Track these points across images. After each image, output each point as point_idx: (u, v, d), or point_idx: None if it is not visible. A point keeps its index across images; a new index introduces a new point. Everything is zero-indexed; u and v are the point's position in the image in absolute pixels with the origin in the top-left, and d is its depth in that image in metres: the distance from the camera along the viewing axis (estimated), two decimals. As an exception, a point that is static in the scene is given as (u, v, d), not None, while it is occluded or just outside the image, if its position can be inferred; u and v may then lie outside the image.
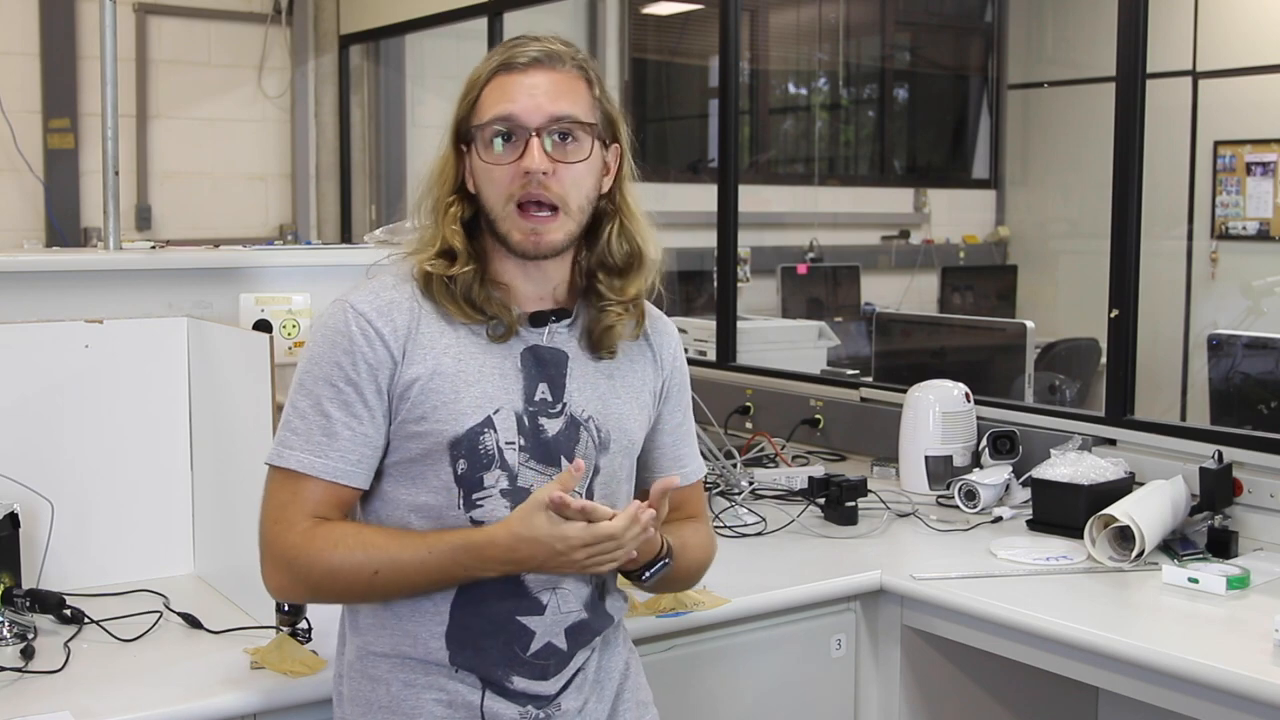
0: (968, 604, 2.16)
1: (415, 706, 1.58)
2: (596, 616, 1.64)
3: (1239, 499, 2.49)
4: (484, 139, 1.58)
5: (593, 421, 1.63)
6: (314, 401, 1.56)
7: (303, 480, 1.55)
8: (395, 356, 1.56)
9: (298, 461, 1.55)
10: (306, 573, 1.54)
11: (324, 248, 3.19)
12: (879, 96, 6.97)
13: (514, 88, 1.57)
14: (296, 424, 1.56)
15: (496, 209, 1.58)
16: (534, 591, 1.58)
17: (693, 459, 1.80)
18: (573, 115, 1.58)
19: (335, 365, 1.56)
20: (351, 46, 5.79)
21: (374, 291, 1.60)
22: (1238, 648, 1.92)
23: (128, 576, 2.23)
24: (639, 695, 1.75)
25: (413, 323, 1.58)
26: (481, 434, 1.56)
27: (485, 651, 1.57)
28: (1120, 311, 2.78)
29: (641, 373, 1.71)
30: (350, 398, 1.55)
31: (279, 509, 1.56)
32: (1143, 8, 2.73)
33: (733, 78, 3.80)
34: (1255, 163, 5.84)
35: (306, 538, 1.53)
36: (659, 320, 1.76)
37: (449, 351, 1.58)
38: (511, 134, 1.57)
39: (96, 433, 2.22)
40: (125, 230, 3.08)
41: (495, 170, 1.57)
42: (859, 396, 3.39)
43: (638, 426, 1.69)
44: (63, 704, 1.69)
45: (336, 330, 1.57)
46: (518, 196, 1.56)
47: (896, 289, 6.45)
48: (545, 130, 1.56)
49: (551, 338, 1.63)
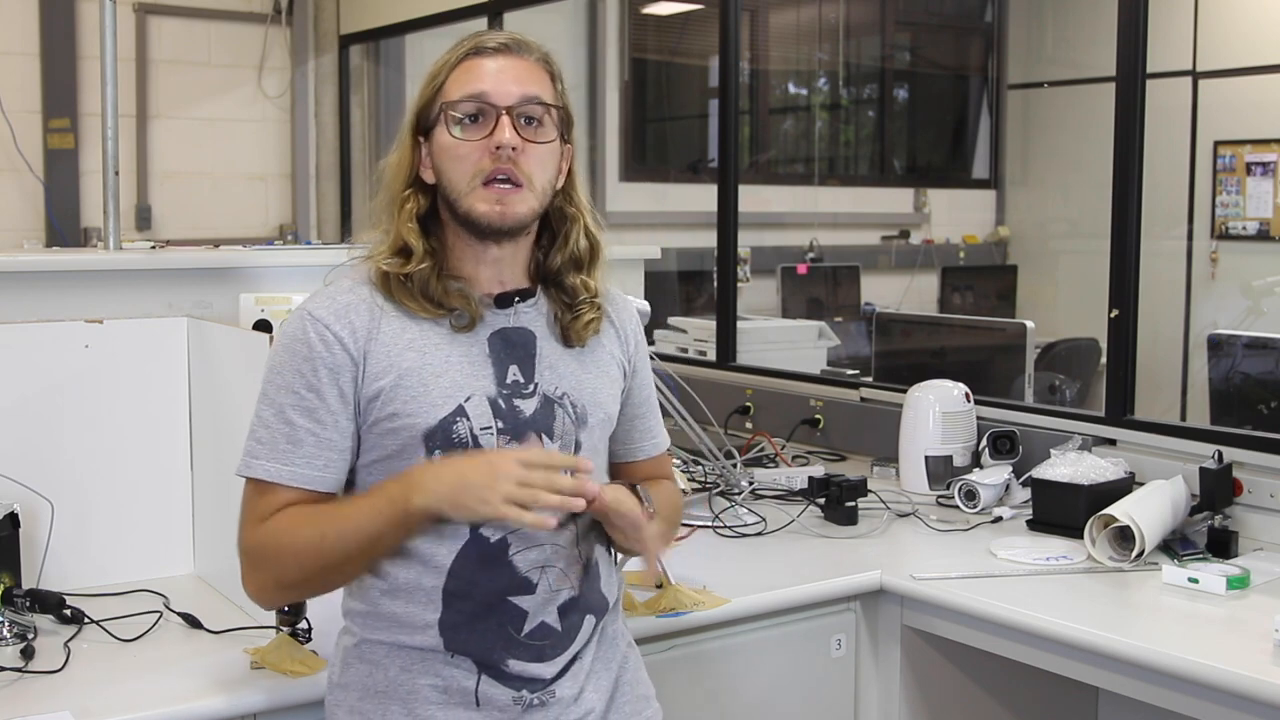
0: (968, 604, 2.17)
1: (411, 691, 1.59)
2: (589, 593, 1.65)
3: (1239, 499, 2.49)
4: (453, 117, 1.60)
5: (567, 398, 1.65)
6: (277, 410, 1.58)
7: (271, 488, 1.57)
8: (355, 359, 1.58)
9: (264, 470, 1.57)
10: (271, 561, 1.56)
11: (324, 248, 3.19)
12: (879, 96, 6.97)
13: (483, 70, 1.61)
14: (261, 434, 1.58)
15: (461, 186, 1.59)
16: (523, 571, 1.59)
17: (660, 431, 1.86)
18: (540, 97, 1.61)
19: (296, 373, 1.58)
20: (351, 46, 5.79)
21: (330, 296, 1.62)
22: (1238, 648, 1.92)
23: (128, 576, 2.23)
24: (638, 689, 1.75)
25: (373, 323, 1.59)
26: (454, 423, 1.57)
27: (480, 634, 1.58)
28: (1120, 311, 2.78)
29: (609, 348, 1.74)
30: (313, 404, 1.57)
31: (250, 516, 1.59)
32: (1143, 8, 2.73)
33: (733, 78, 3.80)
34: (1255, 163, 5.85)
35: (265, 529, 1.57)
36: (618, 299, 1.80)
37: (413, 346, 1.59)
38: (480, 114, 1.59)
39: (96, 433, 2.22)
40: (125, 230, 3.08)
41: (463, 147, 1.59)
42: (859, 396, 3.39)
43: (611, 400, 1.72)
44: (63, 704, 1.69)
45: (295, 339, 1.59)
46: (486, 173, 1.58)
47: (896, 289, 6.45)
48: (515, 109, 1.59)
49: (518, 318, 1.65)
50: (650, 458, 1.83)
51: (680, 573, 2.19)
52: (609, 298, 1.76)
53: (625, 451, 1.79)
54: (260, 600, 1.66)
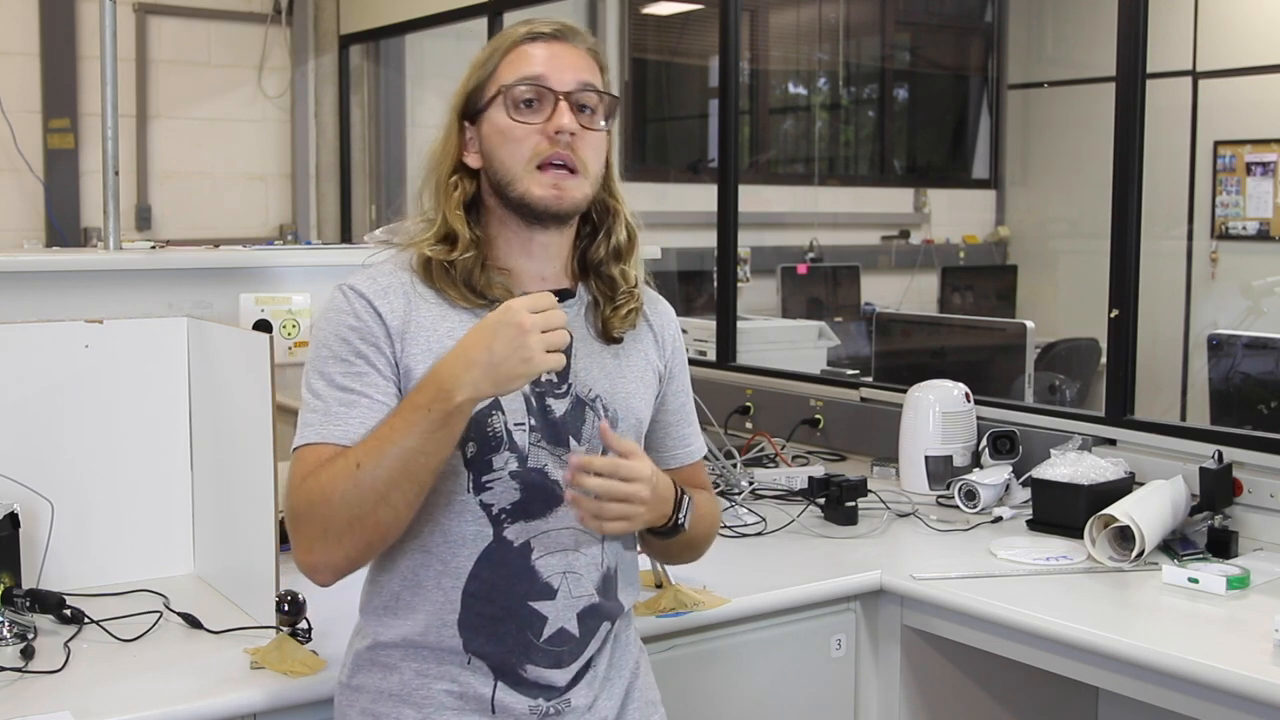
0: (968, 604, 2.16)
1: (426, 696, 1.58)
2: (608, 601, 1.64)
3: (1239, 499, 2.49)
4: (510, 100, 1.58)
5: (600, 401, 1.63)
6: (328, 380, 1.55)
7: (318, 450, 1.52)
8: (393, 337, 1.56)
9: (316, 434, 1.53)
10: (315, 512, 1.48)
11: (324, 248, 3.19)
12: (879, 96, 6.97)
13: (539, 55, 1.60)
14: (315, 404, 1.54)
15: (516, 169, 1.58)
16: (545, 576, 1.58)
17: (695, 438, 1.83)
18: (595, 84, 1.61)
19: (343, 341, 1.56)
20: (351, 46, 5.79)
21: (370, 276, 1.61)
22: (1238, 648, 1.92)
23: (128, 576, 2.23)
24: (648, 694, 1.75)
25: (409, 308, 1.58)
26: (490, 415, 1.55)
27: (499, 638, 1.57)
28: (1120, 311, 2.78)
29: (645, 353, 1.72)
30: (362, 369, 1.54)
31: (293, 480, 1.52)
32: (1143, 8, 2.73)
33: (733, 78, 3.80)
34: (1255, 163, 5.85)
35: (305, 485, 1.50)
36: (658, 303, 1.78)
37: (452, 335, 1.56)
38: (538, 98, 1.58)
39: (96, 433, 2.22)
40: (125, 230, 3.08)
41: (519, 129, 1.58)
42: (859, 396, 3.39)
43: (644, 405, 1.70)
44: (63, 704, 1.69)
45: (338, 310, 1.58)
46: (544, 156, 1.57)
47: (896, 289, 6.45)
48: (573, 95, 1.58)
49: None
50: (685, 465, 1.79)
51: (680, 573, 2.19)
52: (650, 301, 1.74)
53: (659, 459, 1.73)
54: (311, 569, 1.53)
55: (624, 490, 1.51)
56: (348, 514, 1.47)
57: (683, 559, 1.86)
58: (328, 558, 1.51)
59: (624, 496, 1.51)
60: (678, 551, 1.79)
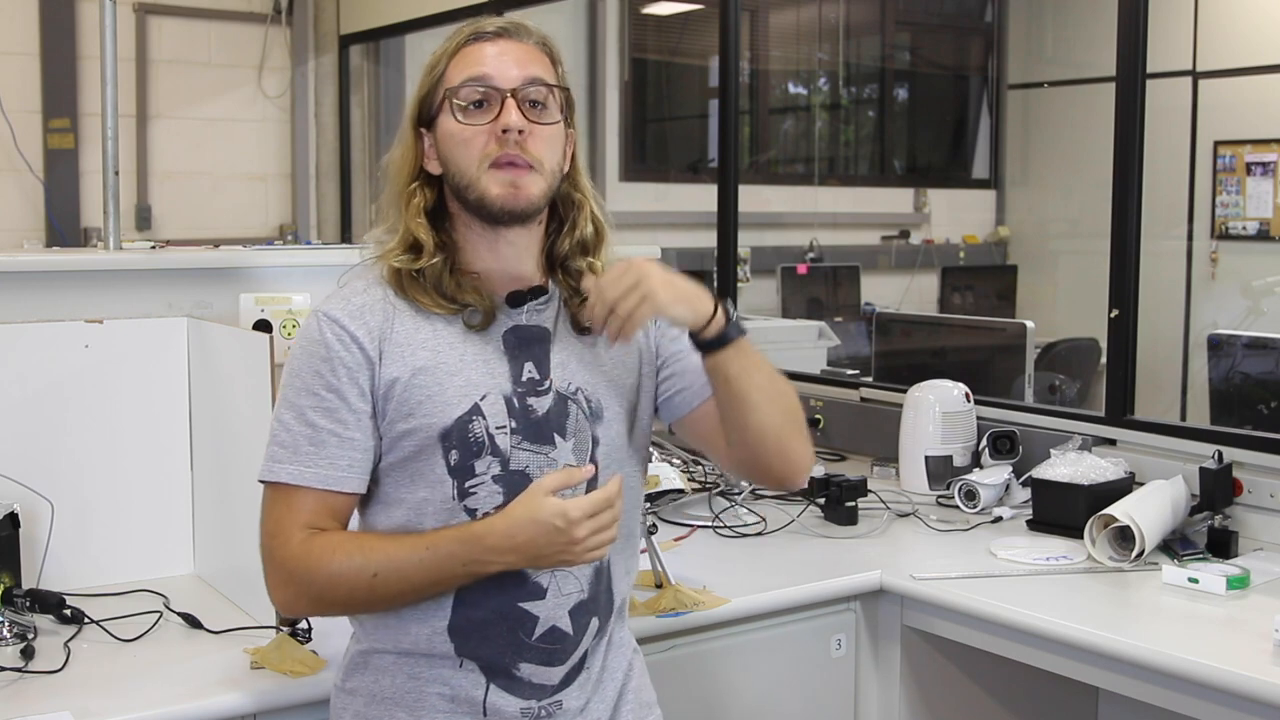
0: (967, 604, 2.16)
1: (419, 699, 1.58)
2: (599, 596, 1.64)
3: (1239, 499, 2.49)
4: (456, 103, 1.58)
5: (581, 393, 1.63)
6: (298, 413, 1.57)
7: (295, 492, 1.56)
8: (372, 357, 1.57)
9: (288, 474, 1.56)
10: (308, 583, 1.53)
11: (324, 248, 3.19)
12: (879, 96, 6.96)
13: (484, 54, 1.60)
14: (283, 437, 1.57)
15: (470, 172, 1.58)
16: (533, 576, 1.58)
17: None
18: (543, 79, 1.60)
19: (315, 374, 1.57)
20: (351, 46, 5.79)
21: (344, 298, 1.61)
22: (1238, 648, 1.92)
23: (128, 576, 2.23)
24: (642, 696, 1.75)
25: (386, 323, 1.58)
26: (470, 422, 1.56)
27: (491, 640, 1.57)
28: (1120, 311, 2.78)
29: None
30: (333, 404, 1.56)
31: (275, 524, 1.56)
32: (1143, 8, 2.73)
33: (733, 78, 3.80)
34: (1255, 163, 5.84)
35: (304, 548, 1.54)
36: None
37: (426, 345, 1.58)
38: (484, 99, 1.58)
39: (97, 433, 2.22)
40: (125, 230, 3.08)
41: (468, 131, 1.58)
42: (859, 396, 3.39)
43: (630, 389, 1.68)
44: (63, 704, 1.69)
45: (312, 340, 1.58)
46: (494, 156, 1.57)
47: (896, 289, 6.45)
48: (519, 91, 1.58)
49: (532, 315, 1.63)
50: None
51: (680, 573, 2.19)
52: None
53: (697, 395, 1.70)
54: (287, 610, 1.65)
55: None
56: (350, 602, 1.57)
57: (773, 422, 1.70)
58: (307, 611, 1.67)
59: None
60: (759, 404, 1.67)
